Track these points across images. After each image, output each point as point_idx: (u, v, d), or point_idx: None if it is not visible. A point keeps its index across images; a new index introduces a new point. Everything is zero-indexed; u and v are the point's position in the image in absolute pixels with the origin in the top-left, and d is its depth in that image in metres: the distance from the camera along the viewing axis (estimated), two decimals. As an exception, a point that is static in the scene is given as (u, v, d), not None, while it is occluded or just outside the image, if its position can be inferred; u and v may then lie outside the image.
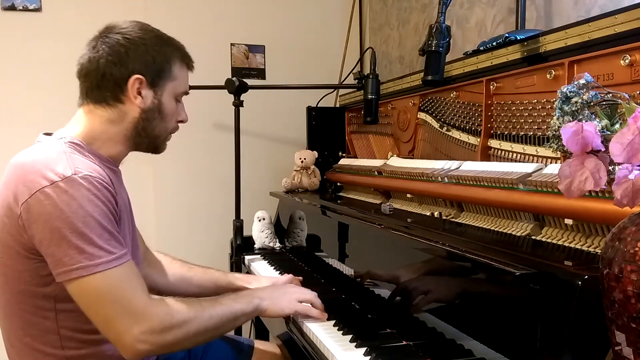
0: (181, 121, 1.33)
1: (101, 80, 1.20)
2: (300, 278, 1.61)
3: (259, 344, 1.63)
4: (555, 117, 0.90)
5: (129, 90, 1.20)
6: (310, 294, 1.37)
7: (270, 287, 1.43)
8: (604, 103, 0.85)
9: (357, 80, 2.16)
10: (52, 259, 1.07)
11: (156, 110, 1.25)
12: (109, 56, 1.19)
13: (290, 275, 1.60)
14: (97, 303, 1.08)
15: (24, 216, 1.07)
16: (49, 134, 1.23)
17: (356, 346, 1.16)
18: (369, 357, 1.11)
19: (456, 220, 1.48)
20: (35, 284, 1.13)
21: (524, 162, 1.38)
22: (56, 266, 1.07)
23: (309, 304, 1.35)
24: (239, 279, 1.58)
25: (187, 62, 1.30)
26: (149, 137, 1.27)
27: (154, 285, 1.47)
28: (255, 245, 2.26)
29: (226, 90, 2.21)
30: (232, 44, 2.95)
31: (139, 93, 1.21)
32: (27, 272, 1.12)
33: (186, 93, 1.32)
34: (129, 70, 1.20)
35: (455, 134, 1.70)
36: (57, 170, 1.08)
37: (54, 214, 1.05)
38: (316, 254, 1.99)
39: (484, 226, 1.36)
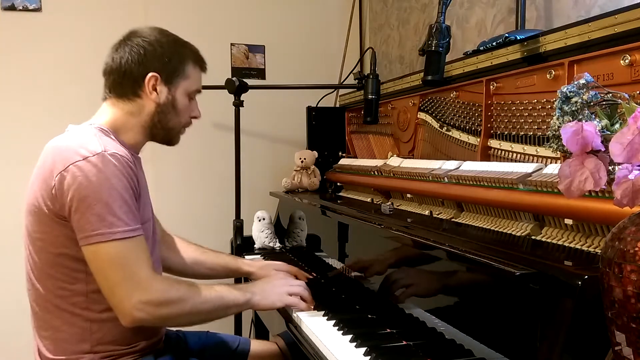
0: (194, 117, 1.45)
1: (122, 78, 1.34)
2: (296, 269, 1.71)
3: (258, 343, 1.64)
4: (555, 117, 0.90)
5: (145, 86, 1.34)
6: (298, 288, 1.45)
7: (262, 282, 1.48)
8: (604, 103, 0.85)
9: (357, 80, 2.16)
10: (77, 225, 1.19)
11: (170, 105, 1.38)
12: (130, 56, 1.34)
13: (284, 263, 1.74)
14: (107, 268, 1.19)
15: (57, 186, 1.20)
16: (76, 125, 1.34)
17: (356, 346, 1.16)
18: (369, 357, 1.11)
19: (456, 220, 1.48)
20: (69, 247, 1.24)
21: (524, 162, 1.38)
22: (79, 231, 1.20)
23: (298, 297, 1.43)
24: (246, 264, 1.73)
25: (200, 64, 1.44)
26: (164, 129, 1.40)
27: (170, 266, 1.61)
28: (255, 245, 2.26)
29: (226, 90, 2.21)
30: (232, 44, 2.95)
31: (155, 89, 1.35)
32: (62, 236, 1.24)
33: (199, 91, 1.45)
34: (146, 68, 1.34)
35: (455, 134, 1.70)
36: (89, 148, 1.21)
37: (84, 183, 1.18)
38: (316, 254, 1.99)
39: (484, 226, 1.36)
